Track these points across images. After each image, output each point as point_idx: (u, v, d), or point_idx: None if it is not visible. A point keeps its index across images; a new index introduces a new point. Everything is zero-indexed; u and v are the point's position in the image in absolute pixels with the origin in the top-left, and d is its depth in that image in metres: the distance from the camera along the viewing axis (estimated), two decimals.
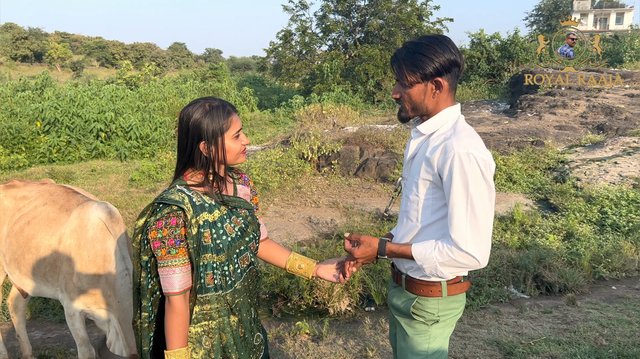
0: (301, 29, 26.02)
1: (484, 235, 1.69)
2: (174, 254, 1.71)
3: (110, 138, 13.84)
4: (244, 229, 1.89)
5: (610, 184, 7.90)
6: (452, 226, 1.71)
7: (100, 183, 10.29)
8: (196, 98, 1.87)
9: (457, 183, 1.68)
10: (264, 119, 19.65)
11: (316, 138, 10.11)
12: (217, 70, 29.06)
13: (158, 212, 1.73)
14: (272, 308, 5.01)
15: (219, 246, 1.78)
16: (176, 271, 1.72)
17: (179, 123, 1.82)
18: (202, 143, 1.78)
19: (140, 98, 19.04)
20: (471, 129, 1.82)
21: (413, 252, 1.77)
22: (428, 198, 1.81)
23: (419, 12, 24.44)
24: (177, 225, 1.71)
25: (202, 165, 1.81)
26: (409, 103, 1.84)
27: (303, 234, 7.01)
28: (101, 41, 75.19)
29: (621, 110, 12.23)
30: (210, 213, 1.79)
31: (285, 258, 2.17)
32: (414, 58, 1.77)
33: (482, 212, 1.68)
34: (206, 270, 1.77)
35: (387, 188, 8.69)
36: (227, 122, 1.80)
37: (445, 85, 1.78)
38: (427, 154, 1.77)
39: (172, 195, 1.75)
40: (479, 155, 1.67)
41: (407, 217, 1.90)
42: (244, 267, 1.89)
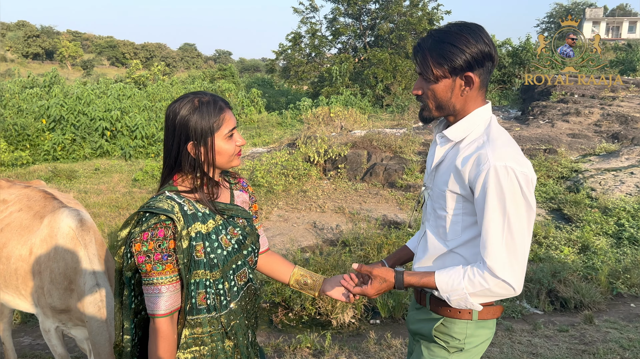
0: (311, 32, 25.84)
1: (521, 259, 1.47)
2: (161, 270, 1.50)
3: (115, 137, 13.70)
4: (242, 241, 1.67)
5: (626, 195, 7.62)
6: (486, 251, 1.47)
7: (102, 183, 10.13)
8: (186, 92, 1.63)
9: (493, 201, 1.45)
10: (272, 121, 19.48)
11: (323, 141, 9.90)
12: (226, 72, 28.96)
13: (144, 222, 1.50)
14: (273, 317, 4.79)
15: (213, 262, 1.56)
16: (162, 290, 1.51)
17: (165, 121, 1.60)
18: (190, 144, 1.56)
19: (147, 98, 18.96)
20: (507, 135, 1.58)
21: (437, 283, 1.53)
22: (457, 213, 1.57)
23: (429, 16, 24.19)
24: (165, 237, 1.49)
25: (190, 168, 1.58)
26: (433, 101, 1.59)
27: (307, 240, 6.78)
28: (112, 40, 75.52)
29: (636, 119, 11.93)
30: (204, 224, 1.57)
31: (289, 272, 1.94)
32: (441, 48, 1.51)
33: (520, 234, 1.45)
34: (198, 288, 1.54)
35: (394, 194, 8.46)
36: (218, 120, 1.57)
37: (477, 82, 1.54)
38: (457, 164, 1.54)
39: (161, 202, 1.53)
40: (518, 169, 1.44)
41: (432, 233, 1.67)
42: (241, 285, 1.66)
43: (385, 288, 1.63)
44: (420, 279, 1.57)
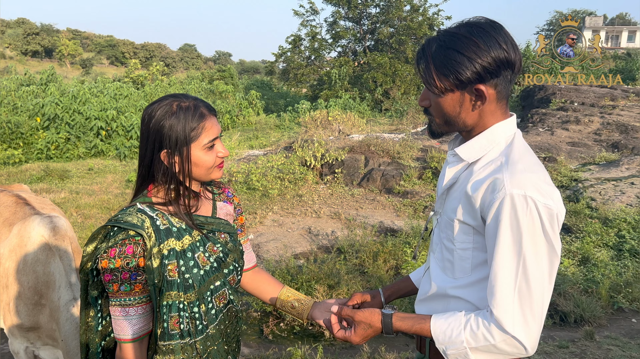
0: (311, 34, 25.75)
1: (537, 313, 1.19)
2: (129, 290, 1.35)
3: (110, 137, 13.56)
4: (222, 259, 1.51)
5: (627, 206, 7.50)
6: (494, 298, 1.21)
7: (95, 183, 9.98)
8: (166, 94, 1.49)
9: (506, 237, 1.19)
10: (269, 123, 19.35)
11: (320, 145, 9.76)
12: (225, 73, 28.83)
13: (111, 237, 1.36)
14: (264, 327, 4.64)
15: (187, 282, 1.41)
16: (130, 313, 1.36)
17: (140, 124, 1.45)
18: (164, 152, 1.40)
19: (145, 98, 18.82)
20: (532, 157, 1.31)
21: (433, 331, 1.29)
22: (467, 247, 1.32)
23: (430, 21, 24.13)
24: (134, 255, 1.35)
25: (164, 178, 1.43)
26: (440, 116, 1.34)
27: (301, 246, 6.64)
28: (112, 39, 75.37)
29: (636, 128, 11.83)
30: (179, 240, 1.42)
31: (276, 293, 1.78)
32: (446, 56, 1.25)
33: (538, 282, 1.18)
34: (170, 311, 1.39)
35: (391, 201, 8.32)
36: (197, 128, 1.40)
37: (491, 94, 1.27)
38: (468, 189, 1.28)
39: (130, 216, 1.38)
40: (540, 200, 1.17)
41: (438, 268, 1.44)
42: (219, 307, 1.50)
43: (372, 333, 1.40)
44: (412, 325, 1.33)
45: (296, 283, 4.90)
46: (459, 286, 1.36)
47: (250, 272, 1.79)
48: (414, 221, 7.07)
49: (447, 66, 1.25)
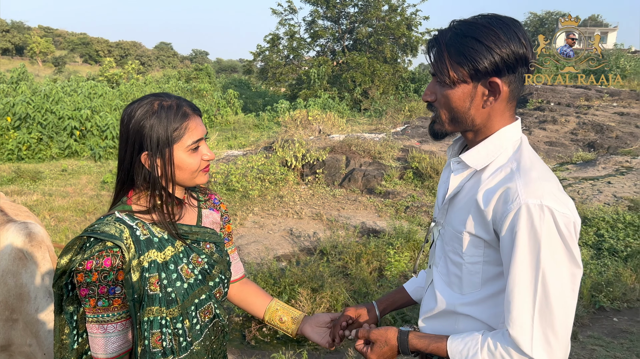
0: (289, 34, 25.64)
1: (560, 333, 1.10)
2: (107, 306, 1.25)
3: (84, 137, 13.22)
4: (207, 271, 1.41)
5: (604, 205, 7.59)
6: (510, 316, 1.12)
7: (69, 184, 9.70)
8: (148, 94, 1.39)
9: (523, 250, 1.10)
10: (248, 123, 19.17)
11: (301, 145, 9.67)
12: (202, 72, 28.50)
13: (87, 249, 1.25)
14: (246, 333, 4.53)
15: (170, 296, 1.31)
16: (108, 329, 1.26)
17: (120, 125, 1.34)
18: (144, 154, 1.30)
19: (120, 97, 18.47)
20: (542, 163, 1.23)
21: (450, 351, 1.22)
22: (477, 261, 1.23)
23: (408, 21, 24.25)
24: (113, 268, 1.24)
25: (145, 183, 1.33)
26: (447, 112, 1.25)
27: (283, 248, 6.54)
28: (85, 37, 73.97)
29: (611, 128, 12.04)
30: (160, 251, 1.32)
31: (264, 306, 1.69)
32: (463, 44, 1.17)
33: (559, 297, 1.09)
34: (152, 327, 1.29)
35: (373, 201, 8.28)
36: (180, 129, 1.31)
37: (505, 92, 1.20)
38: (479, 200, 1.20)
39: (107, 226, 1.28)
40: (559, 210, 1.09)
41: (443, 283, 1.34)
42: (205, 322, 1.41)
43: (388, 351, 1.33)
44: (429, 344, 1.26)
45: (279, 287, 4.80)
46: (468, 302, 1.27)
47: (237, 284, 1.70)
48: (396, 221, 7.03)
49: (464, 54, 1.17)
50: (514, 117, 1.27)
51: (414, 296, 1.66)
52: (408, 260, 5.64)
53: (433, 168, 8.83)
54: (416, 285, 1.66)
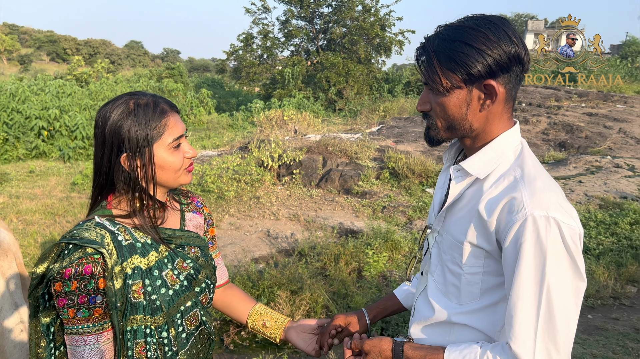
0: (263, 33, 25.49)
1: (562, 349, 1.07)
2: (87, 316, 1.18)
3: (53, 137, 12.84)
4: (193, 276, 1.36)
5: (576, 204, 7.74)
6: (512, 331, 1.08)
7: (37, 186, 9.40)
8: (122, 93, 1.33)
9: (527, 263, 1.07)
10: (222, 123, 18.96)
11: (277, 145, 9.59)
12: (174, 71, 28.09)
13: (66, 256, 1.18)
14: (224, 337, 4.44)
15: (155, 304, 1.25)
16: (89, 341, 1.19)
17: (94, 128, 1.28)
18: (124, 156, 1.25)
19: (89, 96, 18.02)
20: (545, 171, 1.19)
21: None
22: (476, 271, 1.20)
23: (381, 22, 24.39)
24: (93, 275, 1.17)
25: (126, 186, 1.27)
26: (443, 119, 1.20)
27: (260, 249, 6.46)
28: (52, 35, 72.13)
29: (581, 128, 12.32)
30: (144, 257, 1.26)
31: (247, 311, 1.64)
32: (452, 49, 1.13)
33: (563, 312, 1.06)
34: (136, 337, 1.23)
35: (350, 201, 8.26)
36: (159, 126, 1.27)
37: (501, 93, 1.15)
38: (481, 210, 1.15)
39: (87, 231, 1.21)
40: (565, 221, 1.06)
41: (439, 292, 1.30)
42: (191, 330, 1.35)
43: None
44: (425, 356, 1.22)
45: (257, 290, 4.73)
46: (465, 312, 1.23)
47: (221, 289, 1.65)
48: (374, 222, 7.03)
49: (454, 59, 1.13)
50: (512, 120, 1.23)
51: (405, 303, 1.62)
52: (386, 260, 5.63)
53: (409, 168, 8.87)
54: (407, 292, 1.63)
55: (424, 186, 8.72)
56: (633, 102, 16.22)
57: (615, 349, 4.01)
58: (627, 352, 3.95)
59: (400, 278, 5.29)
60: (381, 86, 23.80)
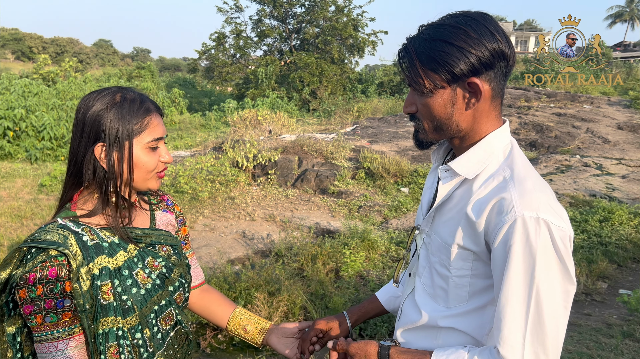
0: (235, 32, 25.29)
1: (552, 353, 1.05)
2: (56, 321, 1.14)
3: (19, 138, 12.44)
4: (166, 275, 1.33)
5: None
6: (501, 334, 1.06)
7: (3, 188, 9.09)
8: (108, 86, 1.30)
9: (516, 265, 1.04)
10: (194, 123, 18.73)
11: (252, 145, 9.50)
12: (144, 70, 27.62)
13: (29, 261, 1.14)
14: (200, 340, 4.36)
15: (126, 305, 1.21)
16: (60, 347, 1.15)
17: (75, 116, 1.24)
18: (99, 145, 1.21)
19: (57, 96, 17.54)
20: (535, 172, 1.17)
21: None
22: (464, 274, 1.17)
23: (354, 22, 24.47)
24: (59, 279, 1.13)
25: (95, 179, 1.24)
26: (430, 120, 1.18)
27: (236, 251, 6.38)
28: (17, 33, 70.05)
29: (551, 128, 12.58)
30: (112, 257, 1.22)
31: (227, 315, 1.60)
32: (433, 48, 1.11)
33: (552, 315, 1.04)
34: (107, 340, 1.19)
35: (326, 201, 8.24)
36: (141, 122, 1.24)
37: (486, 90, 1.13)
38: (469, 212, 1.13)
39: (49, 234, 1.17)
40: (555, 223, 1.04)
41: (427, 295, 1.28)
42: (166, 330, 1.32)
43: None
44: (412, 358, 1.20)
45: (234, 292, 4.66)
46: (453, 315, 1.21)
47: (197, 290, 1.61)
48: (350, 222, 7.02)
49: (435, 59, 1.10)
50: (500, 119, 1.21)
51: (387, 306, 1.60)
52: (363, 260, 5.63)
53: (384, 168, 8.90)
54: (389, 294, 1.60)
55: (399, 186, 8.76)
56: (599, 103, 16.68)
57: (589, 345, 4.08)
58: (601, 347, 4.03)
59: (377, 278, 5.29)
60: (354, 86, 23.88)
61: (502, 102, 1.21)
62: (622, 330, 4.31)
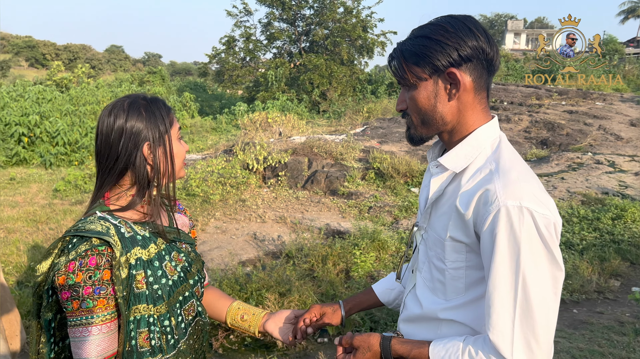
0: (245, 35, 25.41)
1: (542, 338, 1.07)
2: (91, 307, 1.20)
3: (34, 144, 12.65)
4: (187, 269, 1.42)
5: (559, 200, 7.85)
6: (490, 321, 1.09)
7: (19, 194, 9.25)
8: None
9: (502, 253, 1.07)
10: (205, 126, 18.87)
11: (262, 147, 9.56)
12: (156, 75, 27.87)
13: (71, 250, 1.21)
14: (213, 341, 4.41)
15: (157, 294, 1.29)
16: (93, 332, 1.21)
17: (102, 127, 1.33)
18: (146, 145, 1.32)
19: (70, 101, 17.80)
20: (523, 163, 1.20)
21: (431, 357, 1.19)
22: (459, 266, 1.21)
23: (363, 23, 24.47)
24: (98, 266, 1.20)
25: (140, 178, 1.34)
26: (416, 114, 1.24)
27: (247, 253, 6.43)
28: (31, 40, 71.10)
29: (562, 125, 12.49)
30: (145, 249, 1.31)
31: (226, 308, 1.67)
32: (415, 44, 1.20)
33: (540, 300, 1.06)
34: (139, 326, 1.27)
35: (336, 202, 8.27)
36: (170, 117, 1.38)
37: (468, 82, 1.18)
38: (458, 204, 1.18)
39: (92, 224, 1.25)
40: (538, 211, 1.07)
41: (427, 288, 1.32)
42: (189, 320, 1.40)
43: (372, 358, 1.29)
44: (411, 349, 1.23)
45: (245, 293, 4.71)
46: (451, 307, 1.25)
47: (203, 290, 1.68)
48: (361, 222, 7.04)
49: (417, 53, 1.19)
50: (488, 113, 1.25)
51: (382, 298, 1.65)
52: (374, 260, 5.65)
53: (394, 168, 8.91)
54: (385, 287, 1.65)
55: (409, 186, 8.76)
56: (611, 99, 16.51)
57: (601, 343, 4.07)
58: (613, 345, 4.01)
59: None
60: (364, 87, 23.88)
61: (487, 97, 1.25)
62: (634, 328, 4.29)
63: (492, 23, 60.93)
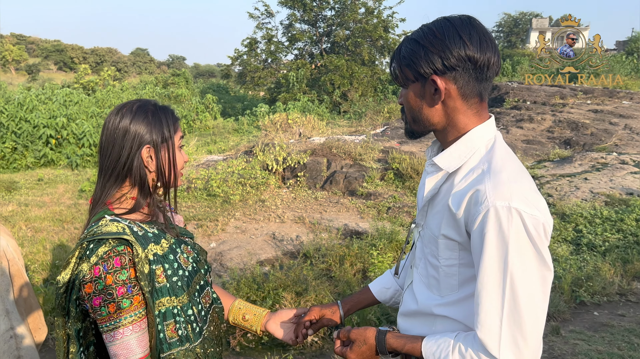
0: (267, 37, 25.59)
1: (530, 335, 1.08)
2: (129, 306, 1.23)
3: (61, 145, 12.99)
4: (197, 259, 1.48)
5: (582, 201, 7.72)
6: (478, 319, 1.12)
7: (46, 194, 9.51)
8: None
9: (491, 252, 1.09)
10: (227, 127, 19.06)
11: (281, 148, 9.64)
12: (180, 77, 28.26)
13: (91, 255, 1.22)
14: (230, 339, 4.48)
15: (177, 285, 1.34)
16: (135, 329, 1.25)
17: (105, 129, 1.37)
18: (146, 147, 1.35)
19: (96, 104, 18.21)
20: (515, 163, 1.21)
21: (424, 352, 1.22)
22: (452, 263, 1.24)
23: (385, 24, 24.40)
24: (124, 266, 1.23)
25: (140, 179, 1.37)
26: (408, 111, 1.30)
27: (266, 252, 6.50)
28: (59, 44, 72.80)
29: (586, 125, 12.26)
30: (158, 244, 1.35)
31: (227, 307, 1.69)
32: (407, 47, 1.24)
33: (527, 299, 1.08)
34: (165, 318, 1.31)
35: (355, 203, 8.29)
36: (175, 125, 1.41)
37: (451, 89, 1.19)
38: (450, 204, 1.20)
39: (107, 227, 1.27)
40: (527, 211, 1.08)
41: (423, 285, 1.36)
42: (207, 307, 1.45)
43: (367, 351, 1.32)
44: (405, 344, 1.27)
45: (263, 292, 4.77)
46: (445, 303, 1.28)
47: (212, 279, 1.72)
48: (379, 223, 7.05)
49: (406, 56, 1.23)
50: (482, 116, 1.26)
51: (379, 296, 1.68)
52: (391, 261, 5.65)
53: (413, 168, 8.88)
54: (381, 286, 1.68)
55: None
56: (639, 98, 16.12)
57: (621, 346, 4.00)
58: (633, 348, 3.95)
59: None
60: (385, 87, 23.81)
61: (481, 102, 1.26)
62: None
63: (516, 21, 59.98)
